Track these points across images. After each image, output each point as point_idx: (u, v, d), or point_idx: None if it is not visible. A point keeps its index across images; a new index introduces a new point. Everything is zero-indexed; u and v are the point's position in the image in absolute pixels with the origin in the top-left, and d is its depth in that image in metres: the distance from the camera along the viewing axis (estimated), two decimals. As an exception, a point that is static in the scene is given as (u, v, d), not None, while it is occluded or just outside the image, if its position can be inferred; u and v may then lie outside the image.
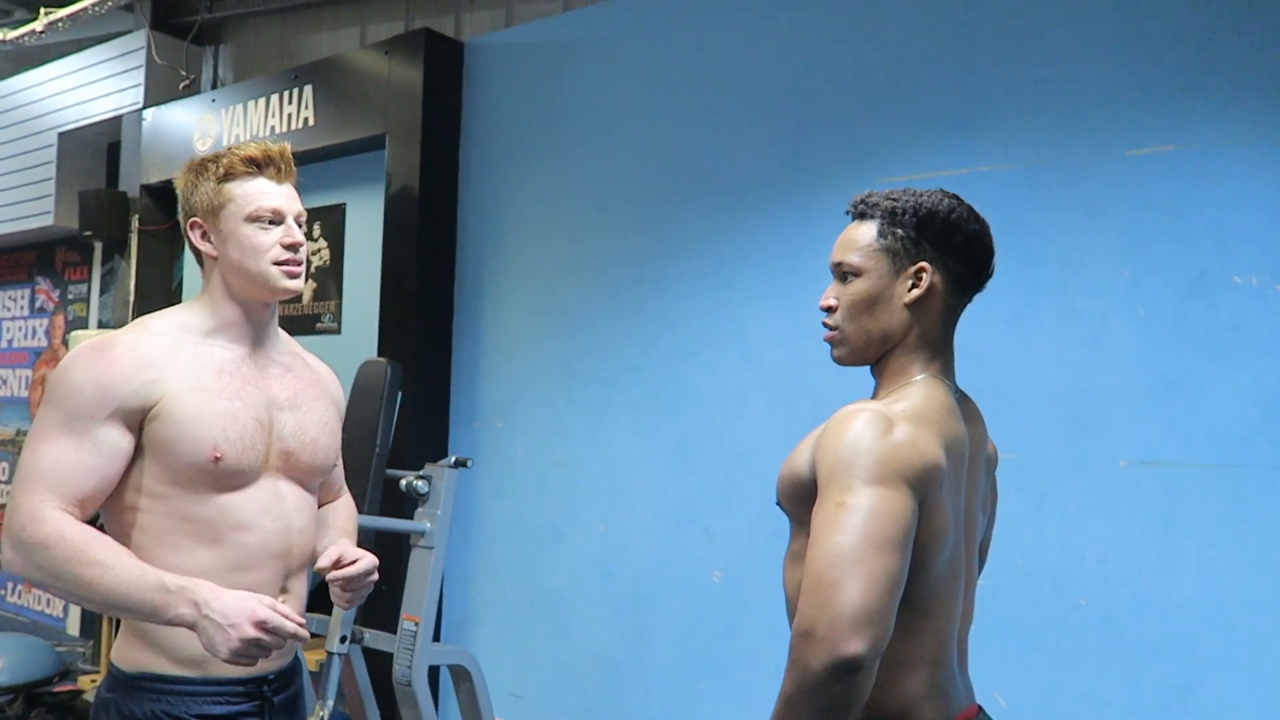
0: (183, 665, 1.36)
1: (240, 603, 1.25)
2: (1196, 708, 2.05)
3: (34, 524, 1.26)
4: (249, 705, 1.41)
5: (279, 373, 1.48)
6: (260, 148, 1.42)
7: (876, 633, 1.01)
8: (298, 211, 1.45)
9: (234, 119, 4.02)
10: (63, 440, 1.30)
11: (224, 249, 1.42)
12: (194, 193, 1.44)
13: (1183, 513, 2.09)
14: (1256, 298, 2.05)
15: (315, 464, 1.49)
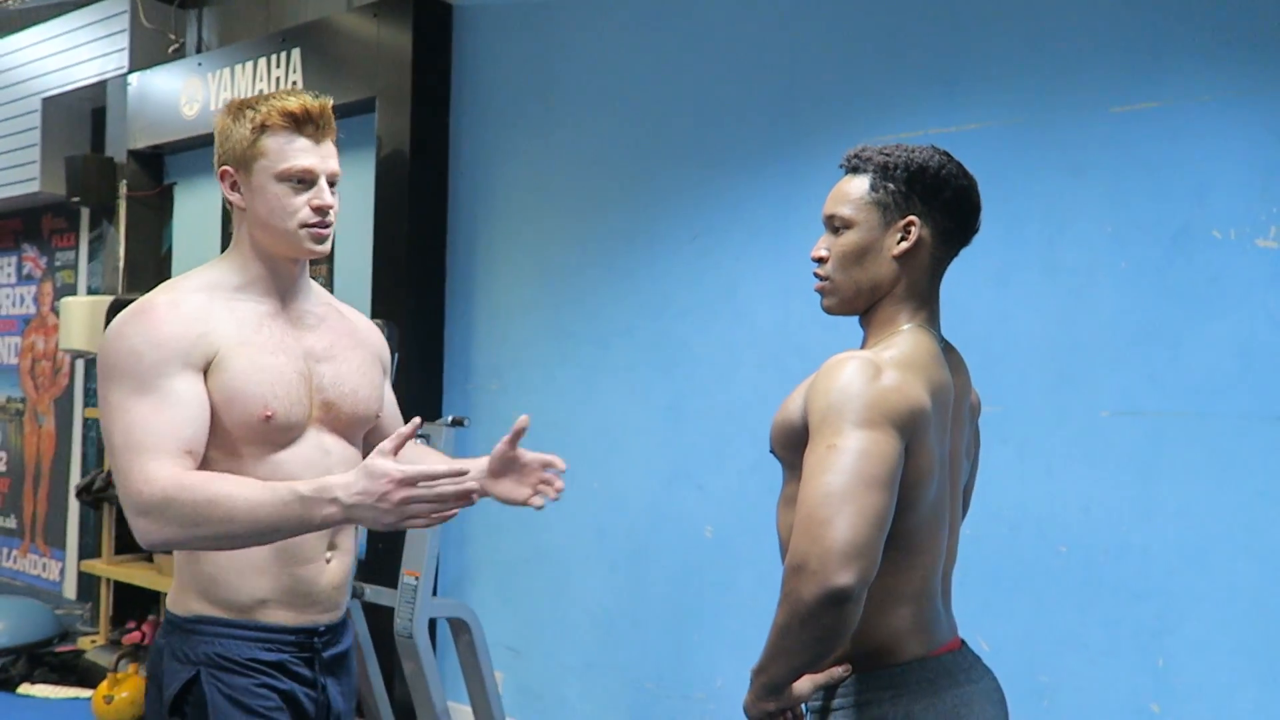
0: (233, 611, 1.38)
1: (371, 476, 1.19)
2: (1173, 648, 2.13)
3: (149, 486, 1.22)
4: (298, 654, 1.41)
5: (314, 323, 1.46)
6: (300, 102, 1.36)
7: (864, 565, 1.06)
8: (332, 171, 1.40)
9: (221, 83, 4.00)
10: (141, 405, 1.26)
11: (252, 203, 1.38)
12: (228, 138, 1.39)
13: (1161, 461, 2.16)
14: (1235, 251, 2.10)
15: (356, 414, 1.48)
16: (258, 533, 1.23)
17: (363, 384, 1.49)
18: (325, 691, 1.44)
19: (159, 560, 4.05)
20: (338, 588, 1.46)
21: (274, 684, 1.38)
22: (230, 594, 1.38)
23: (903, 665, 1.21)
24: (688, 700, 2.86)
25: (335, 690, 1.46)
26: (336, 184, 1.41)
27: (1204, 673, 2.10)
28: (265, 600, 1.39)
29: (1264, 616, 2.04)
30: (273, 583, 1.39)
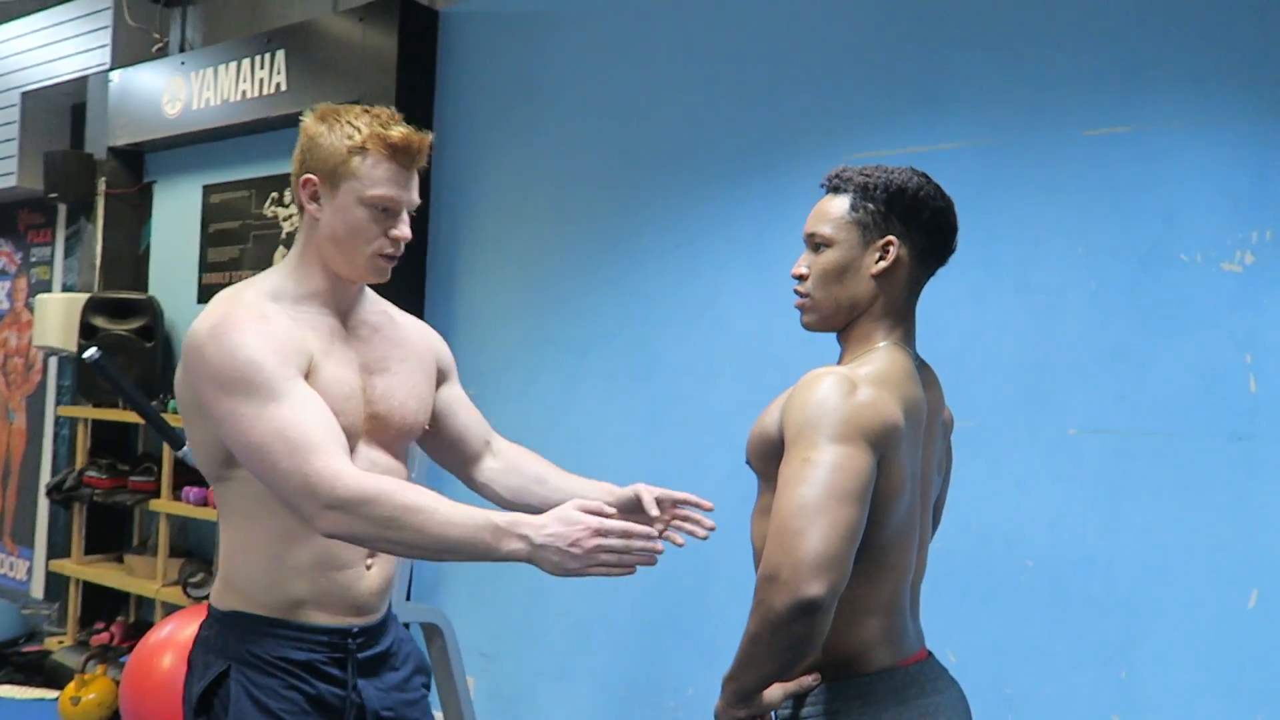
0: (270, 610, 1.39)
1: (565, 522, 1.21)
2: (1135, 661, 2.18)
3: (340, 480, 1.22)
4: (330, 654, 1.41)
5: (367, 334, 1.46)
6: (403, 135, 1.36)
7: (835, 577, 1.09)
8: (415, 204, 1.40)
9: (204, 83, 3.99)
10: (280, 409, 1.25)
11: (329, 218, 1.37)
12: (317, 146, 1.37)
13: (1128, 479, 2.21)
14: (1201, 274, 2.15)
15: (404, 427, 1.48)
16: (441, 549, 1.23)
17: (411, 396, 1.49)
18: (358, 691, 1.43)
19: (129, 561, 4.02)
20: (376, 593, 1.46)
21: (300, 685, 1.38)
22: (268, 593, 1.39)
23: (871, 675, 1.23)
24: (659, 708, 2.87)
25: (372, 690, 1.45)
26: (413, 214, 1.42)
27: (1165, 685, 2.14)
28: (302, 601, 1.40)
29: (1223, 631, 2.09)
30: (310, 585, 1.40)
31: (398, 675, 1.51)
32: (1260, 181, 2.10)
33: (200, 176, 4.26)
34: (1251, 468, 2.08)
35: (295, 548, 1.38)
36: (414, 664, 1.56)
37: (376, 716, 1.45)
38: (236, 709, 1.35)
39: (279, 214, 3.97)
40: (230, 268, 4.13)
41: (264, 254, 4.02)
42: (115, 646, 3.87)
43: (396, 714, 1.48)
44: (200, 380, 1.30)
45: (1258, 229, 2.10)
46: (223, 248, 4.17)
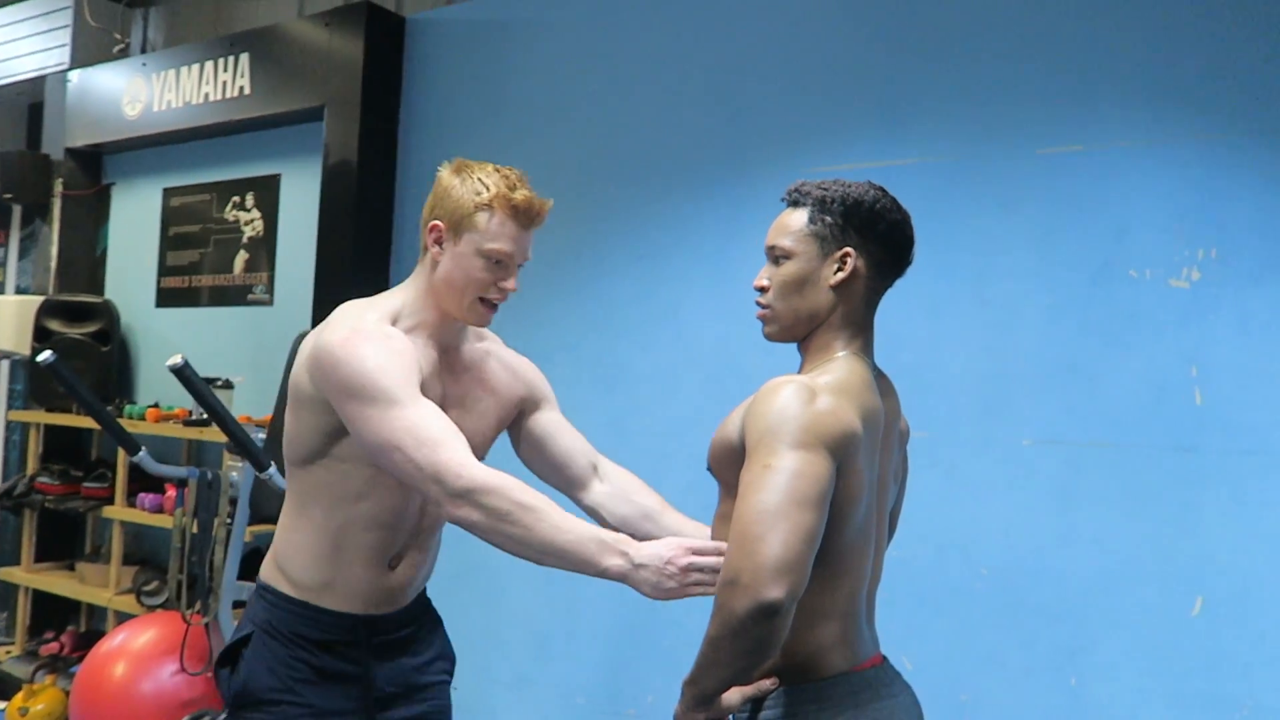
0: (296, 589, 1.55)
1: (663, 542, 1.30)
2: (1086, 668, 2.22)
3: (465, 470, 1.32)
4: (344, 636, 1.55)
5: (459, 371, 1.60)
6: (526, 198, 1.50)
7: (794, 581, 1.11)
8: (526, 260, 1.54)
9: (165, 85, 3.95)
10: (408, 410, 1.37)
11: (448, 262, 1.51)
12: (448, 197, 1.52)
13: (1079, 489, 2.26)
14: (1150, 290, 2.21)
15: None
16: (546, 550, 1.31)
17: (475, 434, 1.58)
18: (369, 670, 1.56)
19: (81, 569, 3.95)
20: (397, 589, 1.60)
21: (307, 658, 1.53)
22: (297, 574, 1.55)
23: (827, 679, 1.25)
24: (619, 716, 2.88)
25: (385, 672, 1.58)
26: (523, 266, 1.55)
27: (1114, 692, 2.19)
28: (326, 586, 1.54)
29: (1170, 639, 2.14)
30: (334, 574, 1.54)
31: (416, 659, 1.64)
32: (1207, 201, 2.17)
33: (160, 179, 4.21)
34: (1196, 478, 2.14)
35: (331, 540, 1.52)
36: (437, 650, 1.69)
37: (385, 693, 1.59)
38: (248, 665, 1.54)
39: (240, 218, 3.94)
40: (190, 272, 4.09)
41: (225, 258, 3.98)
42: (65, 656, 3.80)
43: (408, 693, 1.62)
44: (329, 386, 1.43)
45: (1204, 247, 2.17)
46: (182, 251, 4.13)
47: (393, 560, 1.58)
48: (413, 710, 1.63)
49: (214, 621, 2.75)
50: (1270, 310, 2.10)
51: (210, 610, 2.74)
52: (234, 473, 2.82)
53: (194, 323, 4.06)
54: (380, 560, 1.56)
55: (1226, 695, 2.08)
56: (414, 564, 1.62)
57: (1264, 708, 2.05)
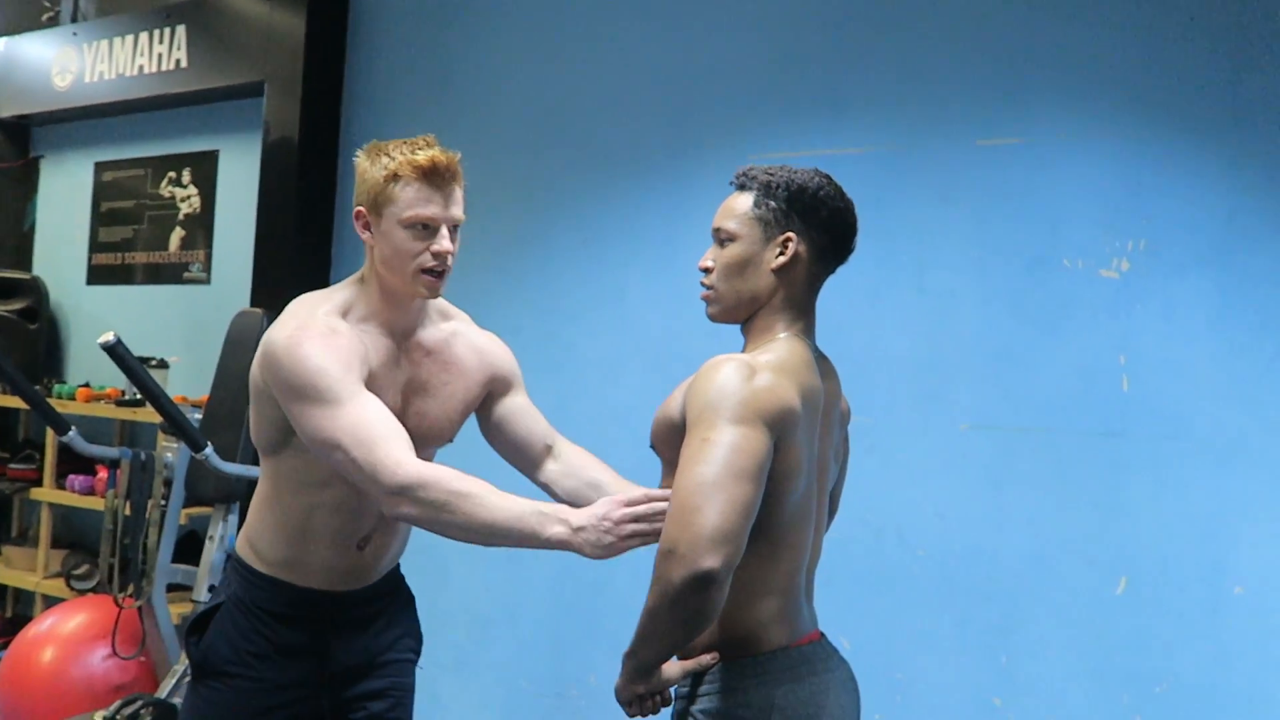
0: (262, 564, 1.59)
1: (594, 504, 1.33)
2: (1015, 646, 2.29)
3: (400, 468, 1.35)
4: (305, 611, 1.59)
5: (419, 357, 1.60)
6: (429, 157, 1.48)
7: (730, 551, 1.13)
8: (454, 219, 1.51)
9: (98, 55, 3.83)
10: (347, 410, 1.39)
11: (379, 243, 1.51)
12: (364, 181, 1.52)
13: (1012, 473, 2.32)
14: (1081, 280, 2.28)
15: (426, 441, 1.60)
16: (490, 532, 1.34)
17: (442, 417, 1.62)
18: (327, 645, 1.60)
19: (8, 552, 3.84)
20: (366, 568, 1.62)
21: (267, 633, 1.58)
22: (266, 550, 1.59)
23: (767, 654, 1.28)
24: (562, 698, 2.89)
25: (345, 646, 1.62)
26: (459, 228, 1.54)
27: (1042, 669, 2.26)
28: (293, 563, 1.58)
29: (1096, 617, 2.22)
30: (299, 554, 1.58)
31: (383, 636, 1.67)
32: (1137, 194, 2.23)
33: (92, 153, 4.09)
34: (1123, 463, 2.21)
35: (298, 522, 1.56)
36: (404, 628, 1.71)
37: (346, 667, 1.62)
38: (212, 634, 1.59)
39: (176, 195, 3.84)
40: (123, 249, 3.99)
41: (160, 235, 3.89)
42: (-9, 642, 3.69)
43: (370, 668, 1.64)
44: (275, 384, 1.45)
45: (1134, 239, 2.23)
46: (115, 228, 4.02)
47: (360, 542, 1.60)
48: (373, 685, 1.65)
49: (148, 605, 2.70)
50: (1194, 301, 2.17)
51: (143, 593, 2.69)
52: (169, 454, 2.77)
53: (128, 301, 3.96)
54: (347, 542, 1.59)
55: (1148, 671, 2.16)
56: (383, 545, 1.63)
57: (1183, 683, 2.13)
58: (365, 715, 1.64)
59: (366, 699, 1.64)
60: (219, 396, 2.80)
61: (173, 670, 2.59)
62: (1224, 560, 2.11)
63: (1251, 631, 2.08)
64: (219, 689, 1.57)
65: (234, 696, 1.56)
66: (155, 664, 2.79)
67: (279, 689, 1.58)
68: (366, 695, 1.64)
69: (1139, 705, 2.16)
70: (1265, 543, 2.08)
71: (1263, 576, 2.08)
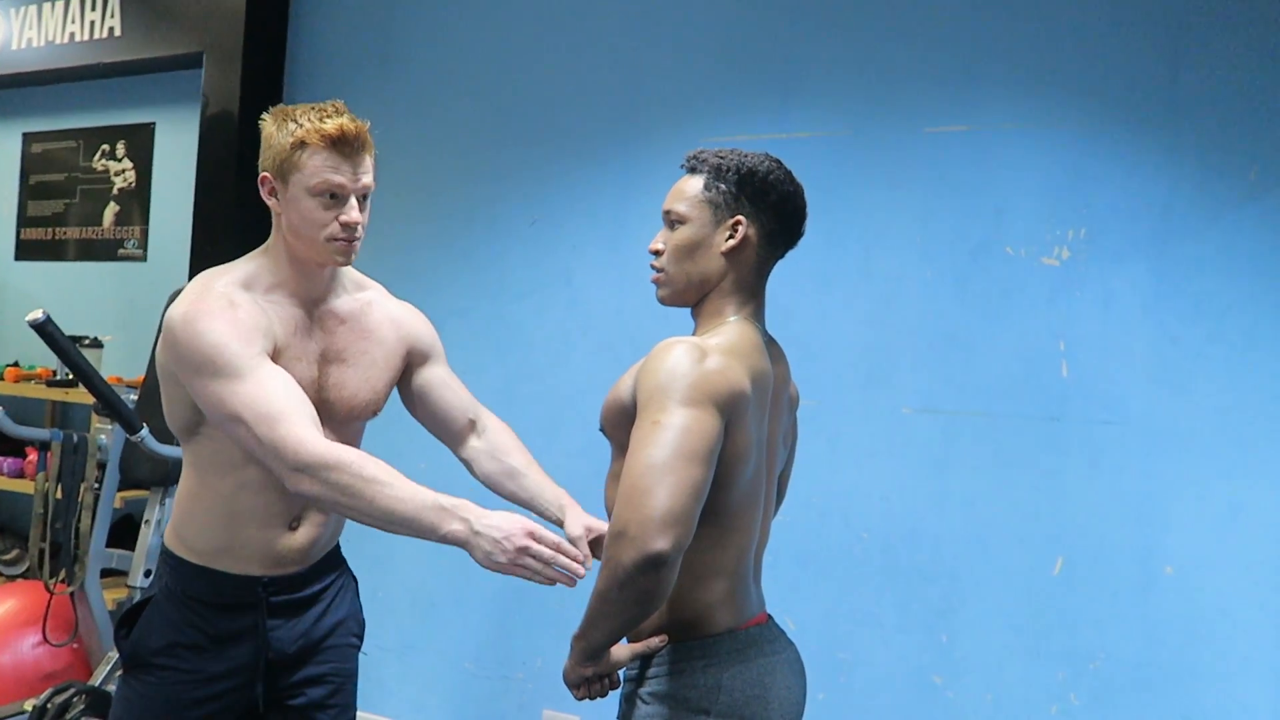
0: (192, 555, 1.55)
1: (510, 518, 1.31)
2: (955, 626, 2.34)
3: (303, 446, 1.33)
4: (240, 598, 1.55)
5: (333, 325, 1.56)
6: (337, 125, 1.43)
7: (680, 532, 1.14)
8: (364, 188, 1.47)
9: (26, 21, 3.69)
10: (246, 385, 1.36)
11: (286, 211, 1.46)
12: (269, 147, 1.47)
13: (953, 456, 2.36)
14: (1024, 267, 2.32)
15: (350, 414, 1.58)
16: (388, 521, 1.33)
17: (362, 387, 1.58)
18: (264, 631, 1.56)
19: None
20: (297, 550, 1.58)
21: (200, 623, 1.54)
22: (195, 540, 1.55)
23: (715, 636, 1.29)
24: (507, 680, 2.89)
25: (284, 631, 1.58)
26: (369, 197, 1.49)
27: (980, 648, 2.31)
28: (224, 550, 1.54)
29: (1033, 598, 2.27)
30: (230, 539, 1.54)
31: (323, 620, 1.63)
32: (1078, 183, 2.28)
33: (19, 123, 3.94)
34: (1061, 446, 2.26)
35: (225, 505, 1.52)
36: (345, 612, 1.68)
37: (284, 654, 1.58)
38: (142, 627, 1.55)
39: (110, 168, 3.72)
40: (55, 223, 3.86)
41: (93, 210, 3.76)
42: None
43: (309, 654, 1.61)
44: (175, 361, 1.43)
45: (1074, 227, 2.28)
46: (45, 201, 3.88)
47: (292, 522, 1.57)
48: (313, 671, 1.62)
49: (80, 591, 2.63)
50: (1131, 289, 2.23)
51: (76, 579, 2.62)
52: (103, 435, 2.69)
53: (59, 277, 3.84)
54: (278, 522, 1.55)
55: (1082, 649, 2.22)
56: (317, 525, 1.60)
57: (1115, 659, 2.20)
58: (305, 702, 1.61)
59: (306, 685, 1.61)
60: (155, 377, 2.72)
61: (106, 658, 2.53)
62: (1155, 541, 2.18)
63: (1181, 610, 2.15)
64: (150, 682, 1.54)
65: (166, 689, 1.53)
66: (89, 651, 2.72)
67: (213, 679, 1.55)
68: (306, 681, 1.61)
69: (1074, 681, 2.23)
70: (1195, 524, 2.15)
71: (1192, 557, 2.15)
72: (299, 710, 1.61)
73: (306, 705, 1.61)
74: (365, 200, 1.48)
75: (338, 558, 1.71)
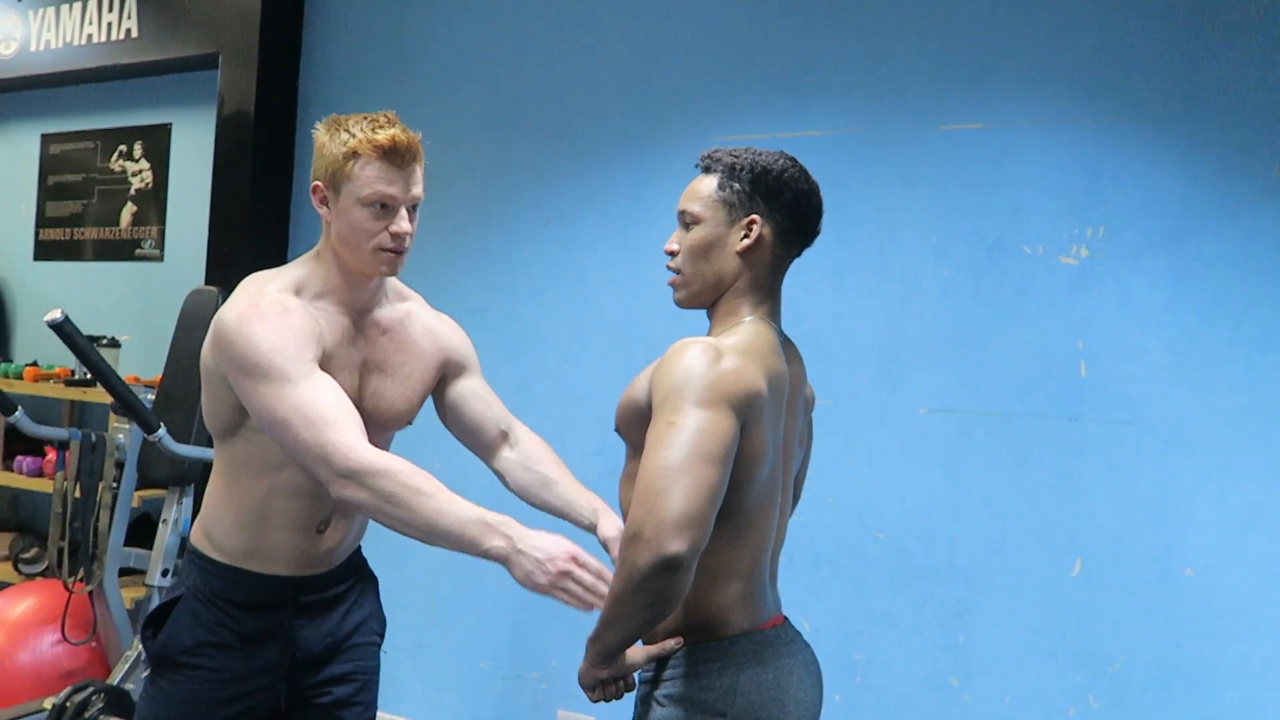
0: (222, 555, 1.56)
1: (555, 540, 1.31)
2: (972, 627, 2.32)
3: (352, 453, 1.34)
4: (269, 597, 1.57)
5: (375, 335, 1.57)
6: (389, 136, 1.45)
7: (696, 535, 1.13)
8: (414, 199, 1.49)
9: (44, 23, 3.71)
10: (300, 390, 1.37)
11: (336, 220, 1.48)
12: (322, 156, 1.48)
13: (969, 456, 2.35)
14: (1041, 266, 2.30)
15: (383, 423, 1.59)
16: (431, 532, 1.32)
17: (399, 398, 1.60)
18: (292, 630, 1.58)
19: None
20: (327, 552, 1.60)
21: (229, 623, 1.55)
22: (223, 540, 1.56)
23: (731, 638, 1.28)
24: (521, 680, 2.89)
25: (311, 631, 1.60)
26: (418, 208, 1.52)
27: (997, 649, 2.30)
28: (252, 552, 1.56)
29: (1050, 599, 2.25)
30: (259, 542, 1.55)
31: (347, 620, 1.65)
32: (1096, 181, 2.26)
33: (38, 124, 3.97)
34: (1078, 447, 2.24)
35: (256, 508, 1.54)
36: (368, 611, 1.70)
37: (310, 653, 1.60)
38: (170, 627, 1.56)
39: (127, 169, 3.75)
40: (72, 224, 3.88)
41: (110, 210, 3.79)
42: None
43: (335, 652, 1.63)
44: (226, 363, 1.43)
45: (1092, 225, 2.26)
46: (63, 202, 3.91)
47: (320, 525, 1.58)
48: (338, 669, 1.64)
49: (98, 589, 2.65)
50: (1149, 288, 2.20)
51: (94, 578, 2.64)
52: (120, 435, 2.71)
53: (77, 277, 3.86)
54: (307, 526, 1.57)
55: (1101, 651, 2.21)
56: (342, 528, 1.62)
57: (1133, 662, 2.18)
58: (331, 700, 1.62)
59: (331, 684, 1.63)
60: (172, 376, 2.74)
61: (125, 656, 2.54)
62: (1175, 543, 2.16)
63: (1201, 613, 2.13)
64: (179, 681, 1.55)
65: (195, 688, 1.54)
66: (107, 650, 2.73)
67: (241, 679, 1.56)
68: (331, 680, 1.63)
69: (1092, 684, 2.21)
70: (1215, 525, 2.13)
71: (1212, 559, 2.13)
72: (325, 709, 1.63)
73: (332, 704, 1.63)
74: (414, 211, 1.50)
75: (359, 558, 1.74)
